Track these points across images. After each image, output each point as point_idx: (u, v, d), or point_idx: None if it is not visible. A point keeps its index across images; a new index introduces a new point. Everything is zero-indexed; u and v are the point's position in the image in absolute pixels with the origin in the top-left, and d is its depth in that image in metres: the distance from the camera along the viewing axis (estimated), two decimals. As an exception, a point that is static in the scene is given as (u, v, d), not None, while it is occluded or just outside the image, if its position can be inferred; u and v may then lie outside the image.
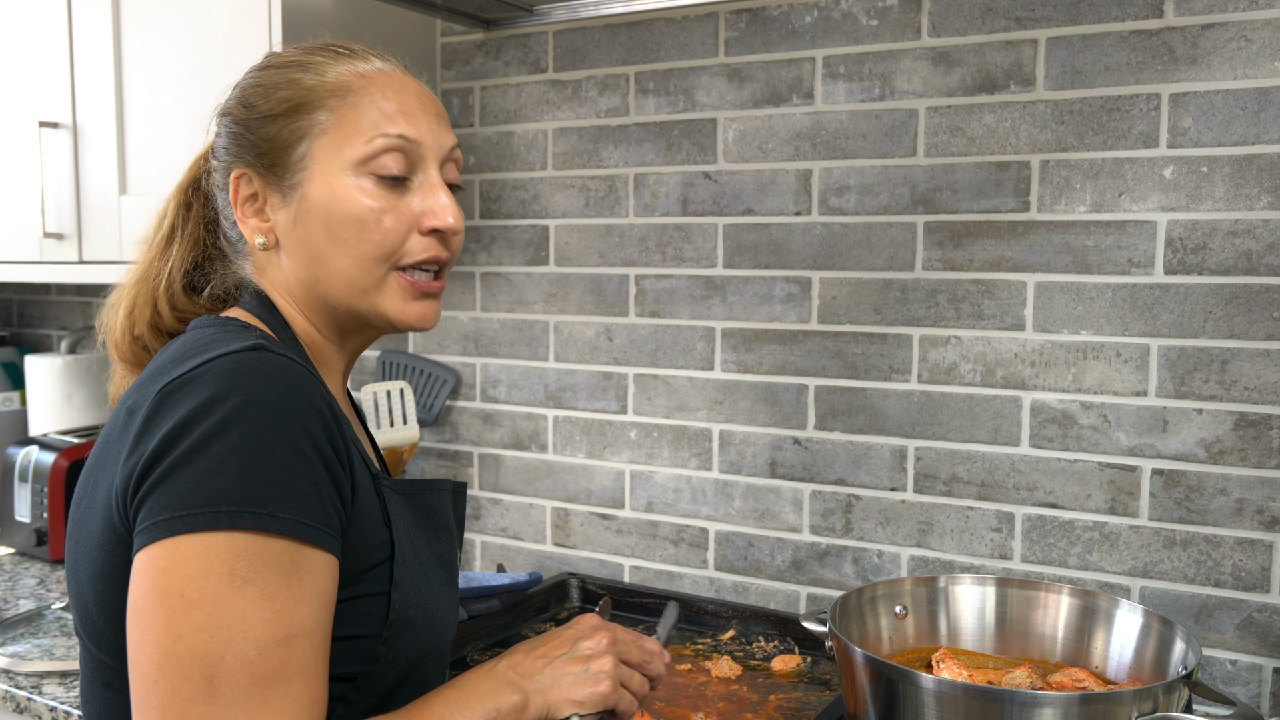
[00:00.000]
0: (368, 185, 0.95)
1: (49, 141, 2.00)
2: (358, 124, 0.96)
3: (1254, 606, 1.46)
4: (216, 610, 0.77)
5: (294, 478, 0.81)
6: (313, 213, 0.96)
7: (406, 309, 0.99)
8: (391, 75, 1.00)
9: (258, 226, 0.99)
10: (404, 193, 0.97)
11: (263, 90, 0.99)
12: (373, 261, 0.96)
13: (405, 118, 0.97)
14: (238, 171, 0.99)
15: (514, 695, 0.94)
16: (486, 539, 2.08)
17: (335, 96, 0.97)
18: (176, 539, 0.78)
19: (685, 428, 1.85)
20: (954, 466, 1.63)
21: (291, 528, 0.80)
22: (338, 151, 0.95)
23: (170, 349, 0.93)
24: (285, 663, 0.79)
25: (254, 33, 1.69)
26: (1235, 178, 1.43)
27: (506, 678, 0.95)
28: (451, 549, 1.07)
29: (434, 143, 0.99)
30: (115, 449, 0.87)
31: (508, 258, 2.01)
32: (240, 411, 0.81)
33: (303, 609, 0.81)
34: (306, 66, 0.99)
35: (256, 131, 0.98)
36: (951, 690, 1.10)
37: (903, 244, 1.64)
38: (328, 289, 0.98)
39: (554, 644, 1.00)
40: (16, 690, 1.54)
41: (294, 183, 0.97)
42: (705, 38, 1.78)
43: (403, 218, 0.96)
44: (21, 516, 2.19)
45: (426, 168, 0.99)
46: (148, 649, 0.78)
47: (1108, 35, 1.49)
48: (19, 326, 2.87)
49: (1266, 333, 1.43)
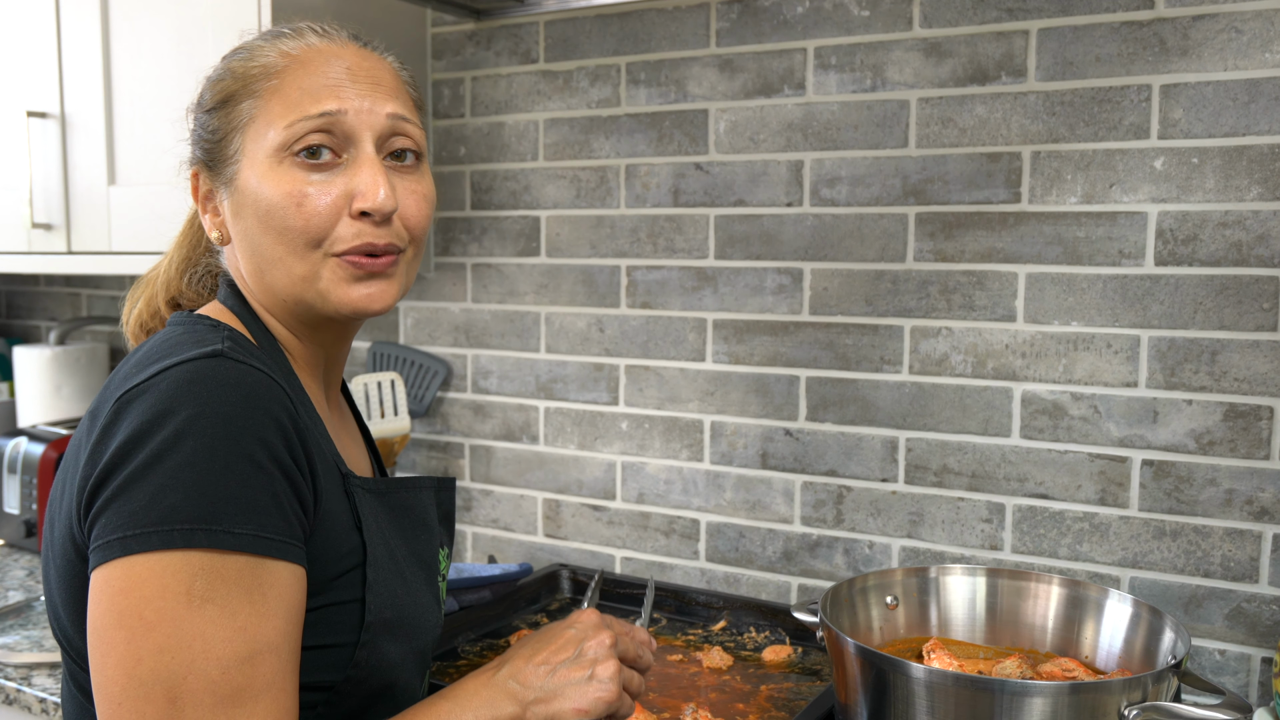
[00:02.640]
0: (289, 170, 0.90)
1: (37, 132, 1.99)
2: (279, 107, 0.91)
3: (1243, 596, 1.47)
4: (176, 631, 0.76)
5: (250, 491, 0.79)
6: (245, 204, 0.92)
7: (349, 292, 0.92)
8: (321, 49, 0.94)
9: (212, 222, 0.98)
10: (333, 172, 0.91)
11: (208, 83, 0.97)
12: (303, 248, 0.91)
13: (330, 92, 0.91)
14: (192, 169, 0.99)
15: (511, 707, 0.91)
16: (477, 530, 2.08)
17: (262, 80, 0.93)
18: (131, 558, 0.76)
19: (676, 419, 1.85)
20: (945, 457, 1.64)
21: (250, 543, 0.78)
22: (262, 138, 0.91)
23: (141, 349, 0.91)
24: (250, 680, 0.78)
25: (243, 22, 1.68)
26: (1226, 169, 1.44)
27: (506, 688, 0.92)
28: (431, 547, 1.04)
29: (365, 112, 0.92)
30: (75, 454, 0.86)
31: (499, 249, 2.00)
32: (192, 424, 0.78)
33: (267, 624, 0.79)
34: (243, 52, 0.96)
35: (202, 127, 0.97)
36: (942, 680, 1.10)
37: (894, 235, 1.64)
38: (272, 280, 0.94)
39: (555, 647, 0.96)
40: (5, 681, 1.53)
41: (229, 176, 0.94)
42: (697, 28, 1.78)
43: (329, 199, 0.90)
44: (10, 508, 2.18)
45: (358, 142, 0.92)
46: (110, 671, 0.77)
47: (1099, 26, 1.49)
48: (7, 317, 2.85)
49: (1256, 324, 1.43)
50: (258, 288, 0.96)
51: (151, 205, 1.85)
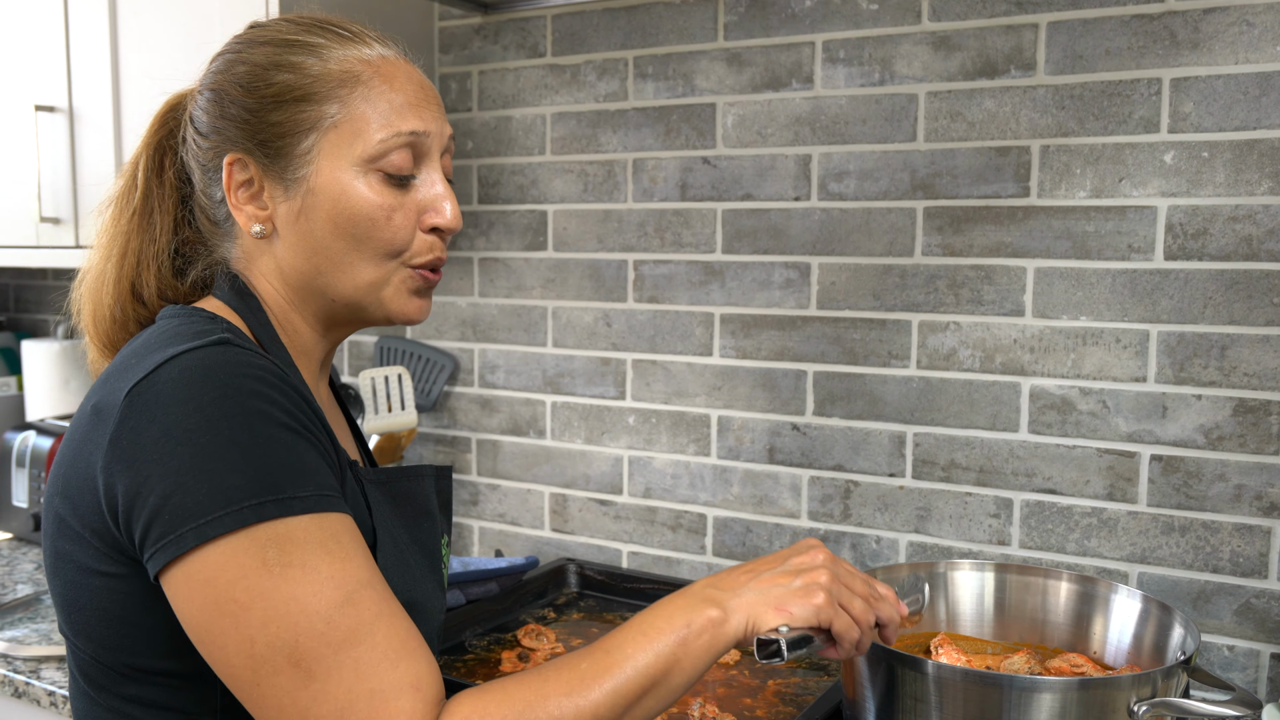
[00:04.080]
0: (376, 182, 0.93)
1: (45, 125, 1.99)
2: (369, 119, 0.93)
3: (1252, 592, 1.46)
4: (268, 602, 0.77)
5: (297, 456, 0.81)
6: (319, 208, 0.93)
7: (409, 304, 0.98)
8: (396, 64, 0.97)
9: (254, 214, 0.95)
10: (409, 188, 0.95)
11: (262, 72, 0.94)
12: (383, 258, 0.95)
13: (414, 111, 0.95)
14: (233, 156, 0.94)
15: (710, 610, 0.87)
16: (484, 524, 2.08)
17: (344, 87, 0.93)
18: (203, 549, 0.77)
19: (683, 413, 1.85)
20: (953, 452, 1.63)
21: (316, 503, 0.81)
22: (348, 147, 0.92)
23: (136, 342, 0.91)
24: (358, 619, 0.79)
25: (251, 15, 1.68)
26: (1236, 163, 1.43)
27: (704, 595, 0.89)
28: (433, 535, 1.05)
29: (438, 135, 0.97)
30: (87, 451, 0.85)
31: (506, 243, 2.00)
32: (220, 406, 0.80)
33: (350, 566, 0.81)
34: (309, 49, 0.94)
35: (258, 117, 0.93)
36: (950, 675, 1.10)
37: (902, 229, 1.64)
38: (330, 282, 0.95)
39: (759, 561, 0.94)
40: (15, 674, 1.54)
41: (299, 176, 0.93)
42: (704, 22, 1.77)
43: (409, 214, 0.95)
44: (19, 501, 2.19)
45: (431, 161, 0.97)
46: (234, 660, 0.78)
47: (1109, 19, 1.49)
48: (15, 311, 2.86)
49: (1266, 319, 1.43)
50: (299, 283, 0.97)
51: (159, 199, 1.85)
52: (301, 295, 0.98)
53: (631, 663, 0.83)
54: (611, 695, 0.82)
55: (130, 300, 1.01)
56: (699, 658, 0.86)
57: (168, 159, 1.02)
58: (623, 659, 0.83)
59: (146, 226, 1.01)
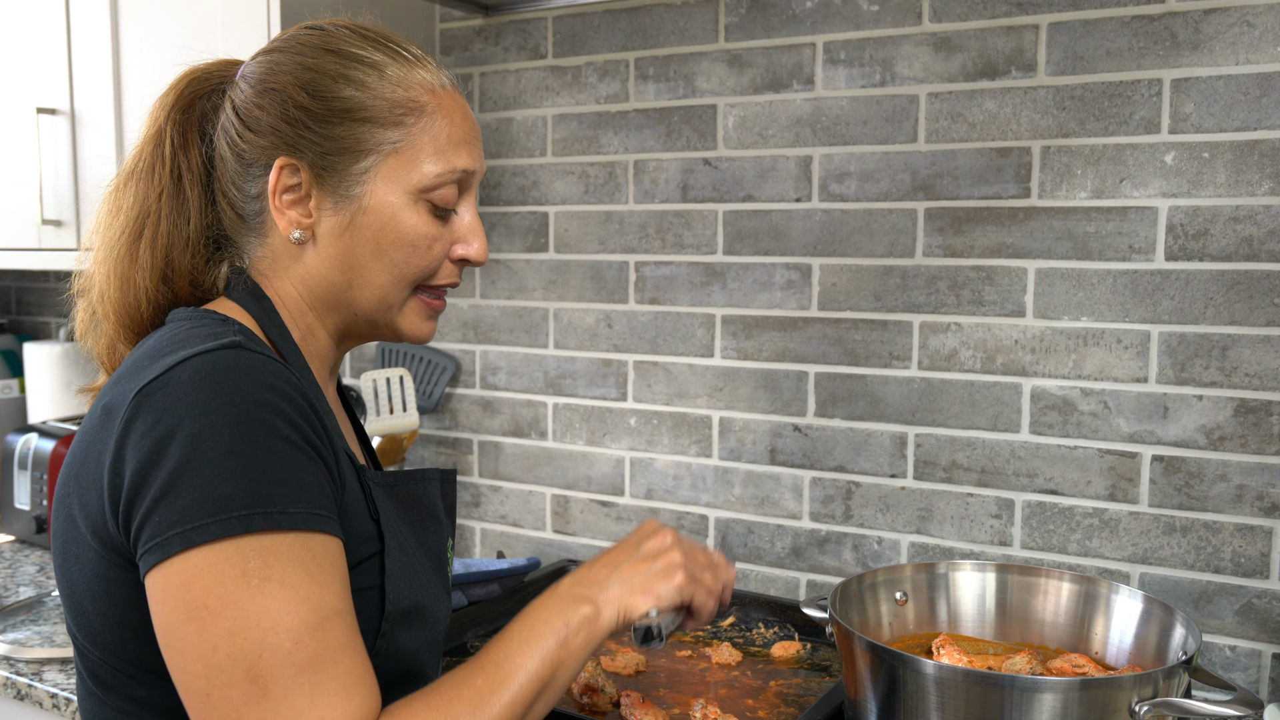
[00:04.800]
0: (424, 212, 0.95)
1: (47, 128, 1.99)
2: (427, 151, 0.95)
3: (1253, 592, 1.46)
4: (241, 613, 0.77)
5: (294, 471, 0.81)
6: (367, 226, 0.94)
7: (420, 326, 1.01)
8: (455, 97, 0.99)
9: (297, 220, 0.94)
10: (448, 220, 0.98)
11: (330, 82, 0.93)
12: (409, 282, 0.97)
13: (466, 149, 0.97)
14: (286, 160, 0.92)
15: (583, 607, 0.92)
16: (486, 526, 2.09)
17: (411, 115, 0.94)
18: (188, 552, 0.77)
19: (685, 415, 1.85)
20: (954, 453, 1.63)
21: (304, 520, 0.80)
22: (404, 174, 0.94)
23: (148, 343, 0.90)
24: (324, 646, 0.79)
25: (252, 16, 1.69)
26: (1237, 164, 1.43)
27: (573, 594, 0.93)
28: (440, 538, 1.05)
29: (480, 170, 1.00)
30: (96, 450, 0.85)
31: (507, 244, 2.00)
32: (225, 413, 0.80)
33: (328, 592, 0.81)
34: (375, 67, 0.94)
35: (321, 128, 0.92)
36: (952, 675, 1.10)
37: (903, 230, 1.64)
38: (355, 298, 0.97)
39: (614, 551, 0.99)
40: (17, 677, 1.54)
41: (352, 193, 0.93)
42: (705, 23, 1.77)
43: (445, 245, 0.98)
44: (21, 504, 2.19)
45: (469, 194, 1.00)
46: (190, 665, 0.78)
47: (1109, 20, 1.49)
48: (17, 314, 2.86)
49: (1267, 319, 1.43)
50: (325, 294, 0.97)
51: (161, 201, 1.85)
52: (326, 305, 0.98)
53: (523, 671, 0.87)
54: (510, 706, 0.86)
55: (160, 285, 0.97)
56: (579, 655, 0.91)
57: (191, 136, 0.99)
58: (513, 669, 0.88)
59: (179, 206, 0.97)
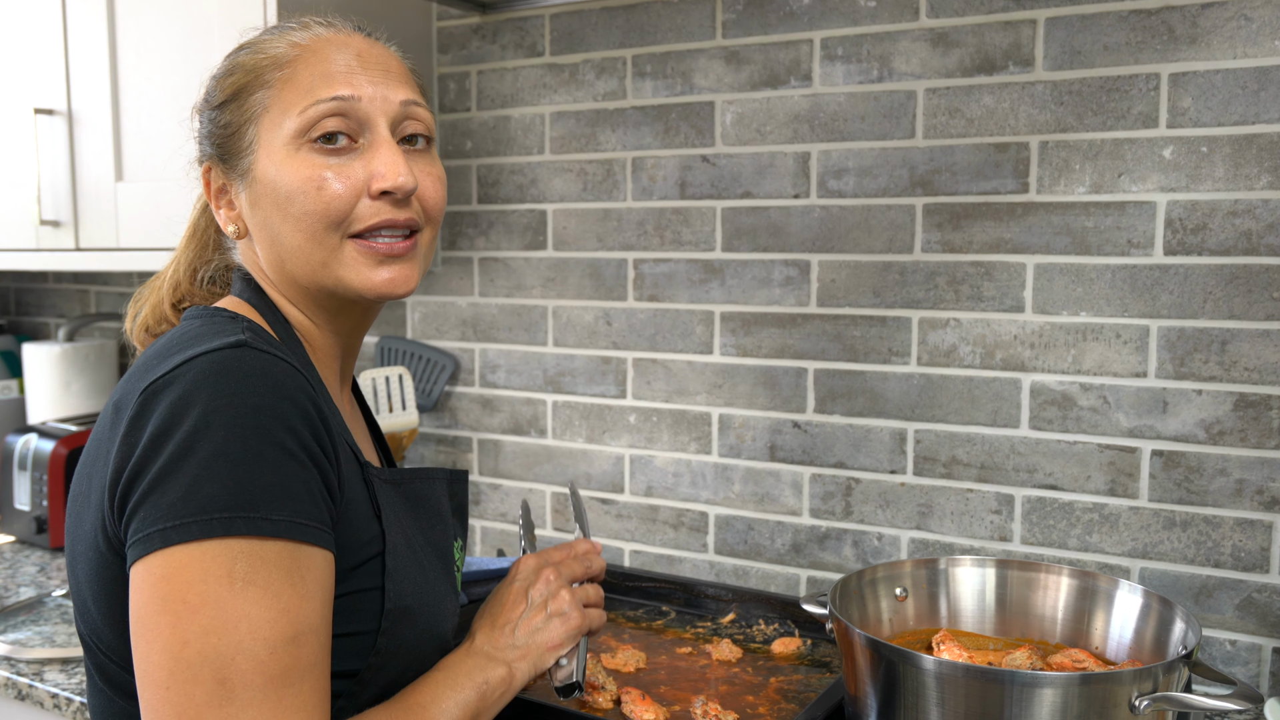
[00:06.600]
0: (307, 155, 0.92)
1: (44, 128, 1.99)
2: (293, 95, 0.93)
3: (1253, 587, 1.46)
4: (221, 612, 0.76)
5: (284, 479, 0.80)
6: (263, 193, 0.94)
7: (371, 276, 0.94)
8: (330, 39, 0.95)
9: (229, 217, 0.99)
10: (349, 158, 0.93)
11: (215, 80, 0.99)
12: (322, 231, 0.92)
13: (342, 77, 0.93)
14: (205, 165, 1.00)
15: (498, 669, 1.00)
16: (486, 524, 2.09)
17: (271, 71, 0.94)
18: (171, 549, 0.77)
19: (684, 412, 1.85)
20: (954, 449, 1.63)
21: (287, 529, 0.79)
22: (278, 127, 0.93)
23: (159, 342, 0.92)
24: (296, 661, 0.78)
25: (249, 17, 1.68)
26: (1235, 158, 1.43)
27: (485, 653, 1.01)
28: (446, 537, 1.06)
29: (379, 98, 0.94)
30: (104, 448, 0.86)
31: (505, 242, 2.00)
32: (222, 415, 0.79)
33: (308, 606, 0.80)
34: (251, 47, 0.98)
35: (213, 123, 0.98)
36: (952, 671, 1.10)
37: (902, 226, 1.64)
38: (293, 268, 0.95)
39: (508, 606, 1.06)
40: (18, 677, 1.54)
41: (245, 168, 0.95)
42: (703, 20, 1.77)
43: (348, 182, 0.92)
44: (21, 504, 2.19)
45: (374, 127, 0.93)
46: (156, 657, 0.77)
47: (1107, 15, 1.49)
48: (16, 314, 2.86)
49: (1266, 313, 1.43)
50: (278, 278, 0.98)
51: (159, 201, 1.85)
52: (285, 286, 0.99)
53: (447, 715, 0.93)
54: None
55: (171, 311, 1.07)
56: (495, 708, 0.99)
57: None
58: (439, 713, 0.93)
59: (198, 239, 1.09)
